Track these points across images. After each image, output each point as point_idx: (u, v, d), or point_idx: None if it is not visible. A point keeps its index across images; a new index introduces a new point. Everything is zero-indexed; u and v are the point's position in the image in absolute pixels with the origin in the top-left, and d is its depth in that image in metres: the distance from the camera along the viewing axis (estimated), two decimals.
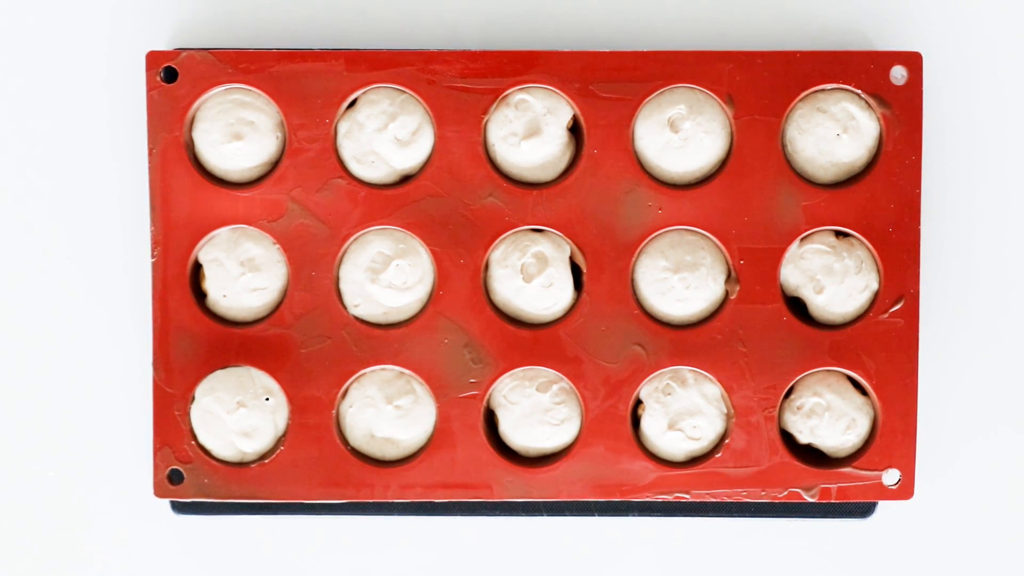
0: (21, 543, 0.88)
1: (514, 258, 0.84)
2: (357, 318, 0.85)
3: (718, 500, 0.84)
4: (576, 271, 0.85)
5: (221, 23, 0.87)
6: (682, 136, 0.84)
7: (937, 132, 0.87)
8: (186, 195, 0.84)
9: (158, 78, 0.84)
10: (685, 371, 0.85)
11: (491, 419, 0.86)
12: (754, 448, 0.84)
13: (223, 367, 0.84)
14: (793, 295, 0.85)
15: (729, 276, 0.84)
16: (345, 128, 0.84)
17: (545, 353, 0.84)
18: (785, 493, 0.84)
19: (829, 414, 0.84)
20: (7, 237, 0.88)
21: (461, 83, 0.84)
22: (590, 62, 0.84)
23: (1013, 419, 0.88)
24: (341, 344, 0.84)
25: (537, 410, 0.85)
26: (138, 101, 0.86)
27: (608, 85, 0.84)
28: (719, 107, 0.84)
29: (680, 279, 0.84)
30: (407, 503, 0.85)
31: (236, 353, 0.84)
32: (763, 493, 0.84)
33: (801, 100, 0.84)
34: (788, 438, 0.85)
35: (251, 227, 0.84)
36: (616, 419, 0.84)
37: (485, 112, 0.84)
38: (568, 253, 0.85)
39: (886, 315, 0.84)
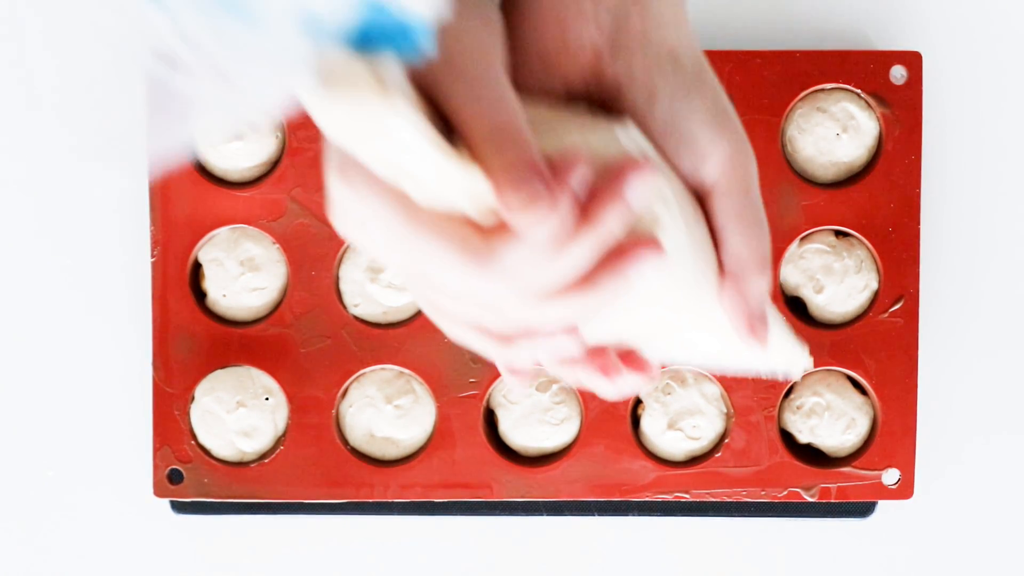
0: (21, 543, 0.88)
1: None
2: (357, 318, 0.85)
3: (718, 500, 0.84)
4: None
5: None
6: None
7: (937, 132, 0.87)
8: (186, 195, 0.84)
9: None
10: (685, 371, 0.85)
11: (491, 419, 0.86)
12: (754, 448, 0.84)
13: (223, 367, 0.84)
14: (793, 295, 0.85)
15: None
16: None
17: None
18: (785, 493, 0.84)
19: (829, 414, 0.84)
20: (7, 237, 0.88)
21: None
22: None
23: (1013, 419, 0.88)
24: (341, 344, 0.84)
25: (537, 410, 0.85)
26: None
27: None
28: None
29: None
30: (407, 503, 0.85)
31: (236, 353, 0.84)
32: (763, 493, 0.84)
33: (801, 100, 0.84)
34: (788, 438, 0.85)
35: (251, 227, 0.84)
36: (616, 419, 0.84)
37: None
38: None
39: (886, 315, 0.84)
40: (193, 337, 0.84)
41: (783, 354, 0.64)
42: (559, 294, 0.55)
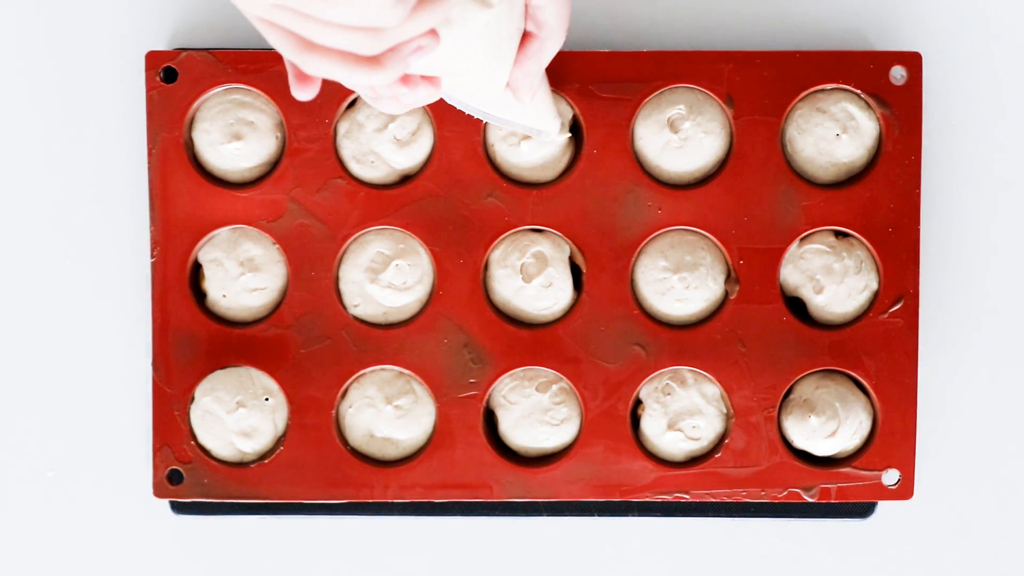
0: (21, 543, 0.88)
1: (514, 258, 0.84)
2: (357, 318, 0.85)
3: (718, 500, 0.84)
4: (576, 271, 0.85)
5: (221, 23, 0.87)
6: (681, 136, 0.84)
7: (937, 132, 0.87)
8: (186, 195, 0.84)
9: (158, 78, 0.84)
10: (685, 371, 0.85)
11: (491, 419, 0.86)
12: (754, 448, 0.84)
13: (223, 367, 0.84)
14: (793, 295, 0.85)
15: (729, 276, 0.84)
16: (345, 128, 0.84)
17: (545, 353, 0.84)
18: (785, 493, 0.84)
19: (850, 421, 0.84)
20: (7, 237, 0.88)
21: None
22: (590, 62, 0.84)
23: (1013, 419, 0.88)
24: (341, 344, 0.84)
25: (537, 410, 0.85)
26: (138, 101, 0.86)
27: (608, 85, 0.84)
28: (719, 107, 0.84)
29: (680, 279, 0.84)
30: (407, 503, 0.85)
31: (236, 353, 0.84)
32: (763, 493, 0.84)
33: (801, 100, 0.84)
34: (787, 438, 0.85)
35: (251, 227, 0.84)
36: (616, 419, 0.84)
37: None
38: (568, 253, 0.85)
39: (886, 315, 0.84)
40: (193, 337, 0.84)
41: (542, 118, 0.77)
42: None
